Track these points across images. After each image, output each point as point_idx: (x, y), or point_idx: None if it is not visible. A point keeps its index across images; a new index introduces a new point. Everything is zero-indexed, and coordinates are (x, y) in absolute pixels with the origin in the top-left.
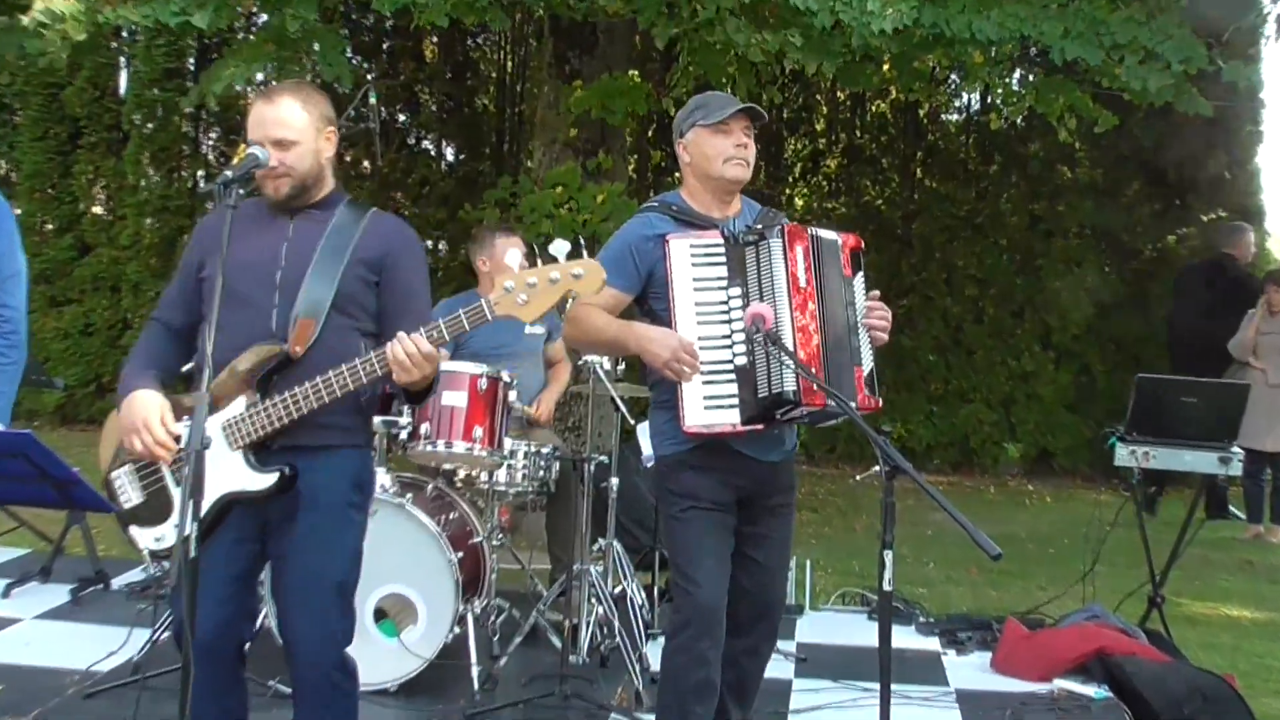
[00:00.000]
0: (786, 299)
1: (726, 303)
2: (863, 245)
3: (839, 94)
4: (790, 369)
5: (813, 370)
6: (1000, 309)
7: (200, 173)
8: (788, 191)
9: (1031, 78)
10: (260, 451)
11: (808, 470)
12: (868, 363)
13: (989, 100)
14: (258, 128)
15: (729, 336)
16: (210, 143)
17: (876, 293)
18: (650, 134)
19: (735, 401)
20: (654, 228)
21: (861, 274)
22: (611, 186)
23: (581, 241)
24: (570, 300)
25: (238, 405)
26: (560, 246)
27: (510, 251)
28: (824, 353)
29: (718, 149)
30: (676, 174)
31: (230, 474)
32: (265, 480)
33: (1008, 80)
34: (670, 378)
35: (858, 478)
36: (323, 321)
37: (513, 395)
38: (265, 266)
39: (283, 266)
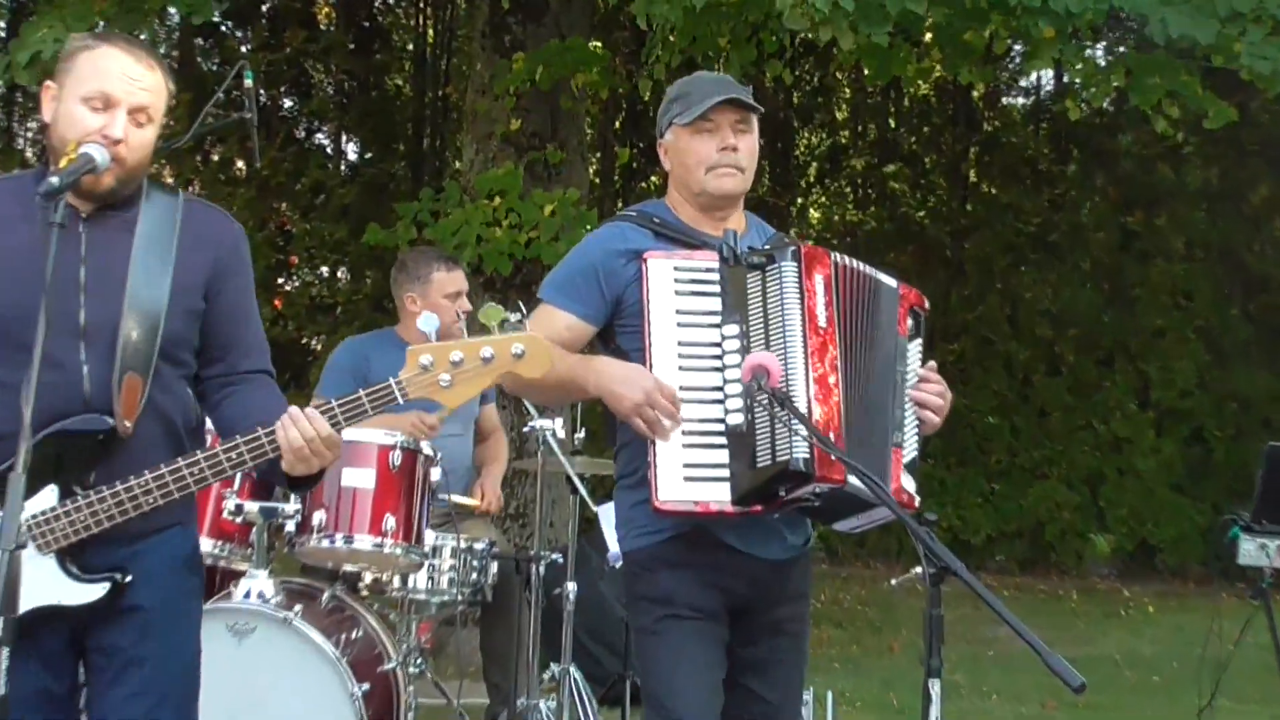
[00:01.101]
0: (800, 341)
1: (719, 344)
2: (926, 306)
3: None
4: (802, 434)
5: (831, 438)
6: (1083, 355)
7: (16, 172)
8: (800, 201)
9: (1123, 49)
10: (76, 553)
11: (829, 571)
12: (911, 447)
13: (1065, 80)
14: (100, 80)
15: (720, 389)
16: (28, 134)
17: (933, 363)
18: (618, 124)
19: (725, 473)
20: (628, 241)
21: (920, 342)
22: (564, 194)
23: (523, 311)
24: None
25: (46, 497)
26: (493, 313)
27: (425, 316)
28: (848, 415)
29: (699, 154)
30: (654, 177)
31: (40, 583)
32: (89, 592)
33: (1089, 53)
34: (640, 431)
35: (894, 581)
36: (150, 378)
37: (436, 473)
38: (62, 303)
39: (84, 303)
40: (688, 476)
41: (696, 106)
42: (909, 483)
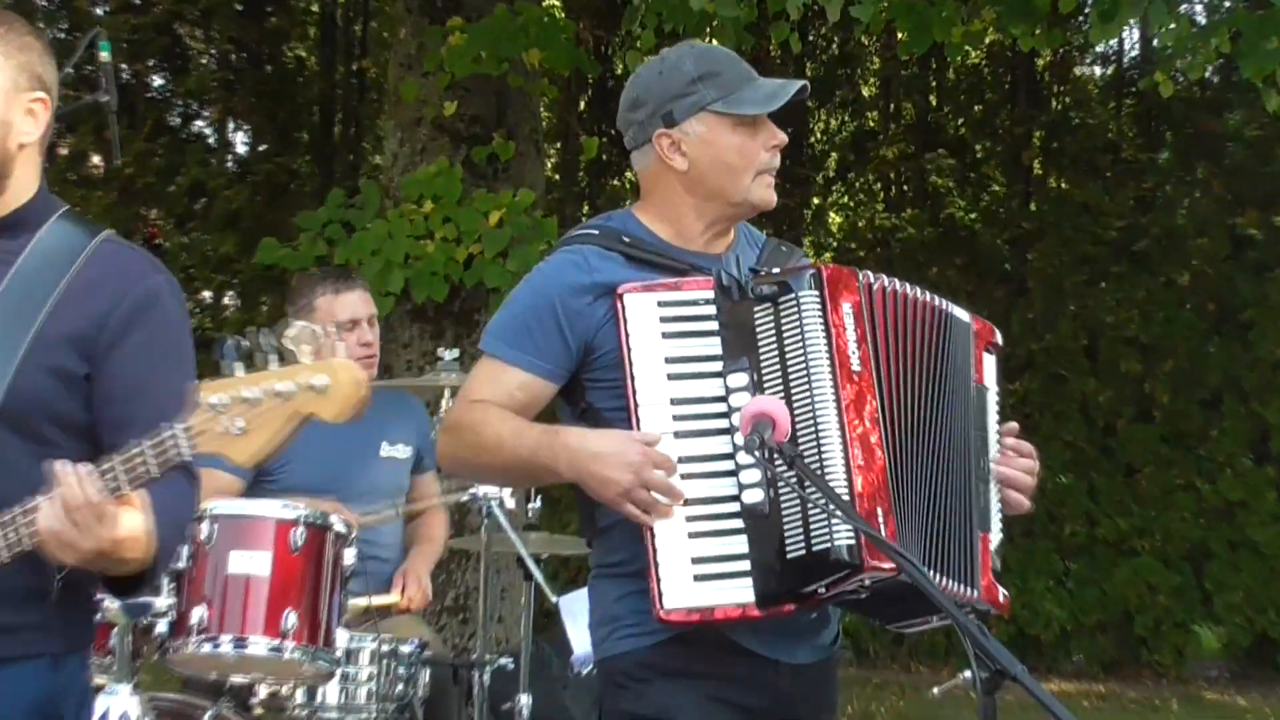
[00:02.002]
0: (830, 391)
1: (724, 398)
2: (999, 340)
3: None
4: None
5: (880, 516)
6: (1181, 396)
7: None
8: (816, 202)
9: (1228, 4)
10: None
11: (857, 675)
12: (997, 529)
13: (1153, 45)
14: None
15: (731, 456)
16: None
17: (1013, 425)
18: (583, 107)
19: (745, 566)
20: (593, 271)
21: (996, 391)
22: (515, 197)
23: (333, 337)
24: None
25: None
26: (302, 333)
27: (300, 327)
28: (899, 484)
29: (748, 155)
30: (630, 174)
31: None
32: None
33: (1184, 9)
34: (634, 519)
35: (937, 691)
36: None
37: (351, 555)
38: None
39: None
40: (699, 575)
41: (753, 94)
42: (998, 573)
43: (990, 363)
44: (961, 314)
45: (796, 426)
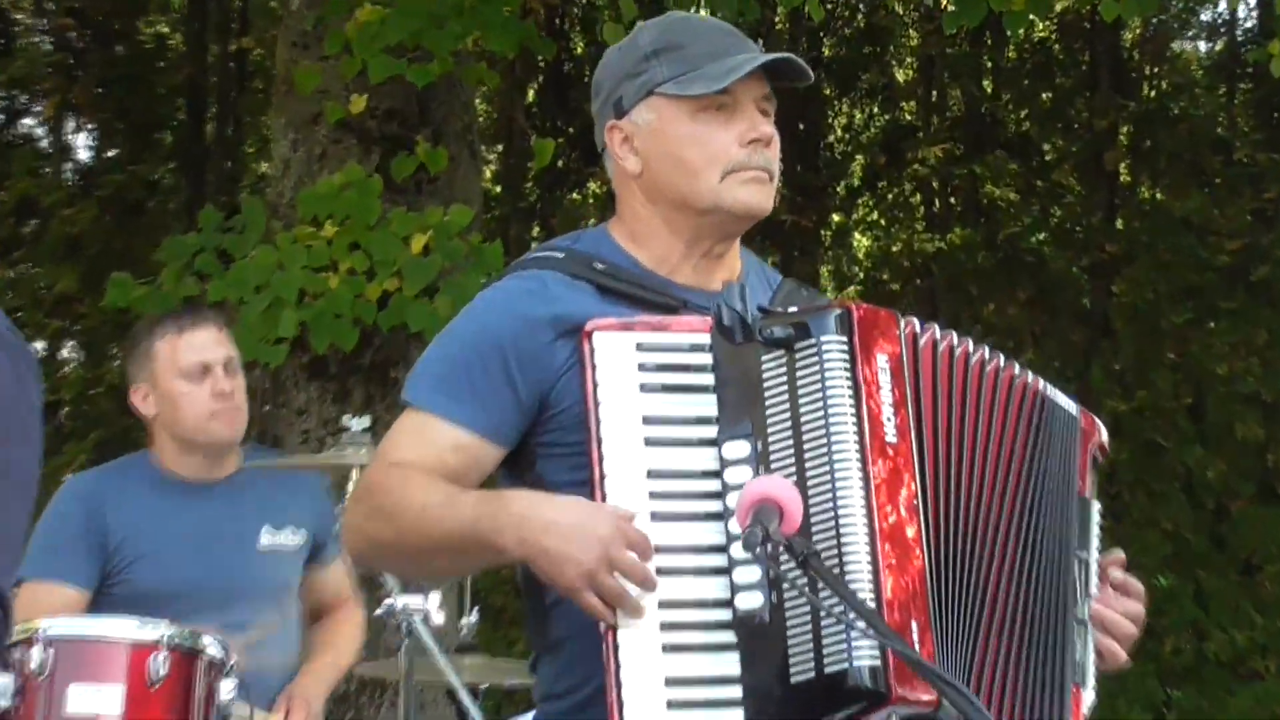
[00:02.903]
0: (855, 467)
1: (719, 473)
2: (1105, 440)
3: (945, 1)
4: (861, 627)
5: (916, 625)
6: None
7: None
8: (836, 219)
9: None
10: None
11: None
12: (1092, 685)
13: (1275, 12)
14: None
15: (724, 549)
16: None
17: (1118, 555)
18: (531, 100)
19: (737, 693)
20: (554, 301)
21: (1099, 508)
22: (446, 215)
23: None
24: None
25: None
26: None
27: (174, 346)
28: (938, 591)
29: (707, 149)
30: (595, 185)
31: None
32: None
33: None
34: (594, 612)
35: None
36: None
37: (228, 690)
38: None
39: None
40: (675, 700)
41: (714, 69)
42: None
43: (1092, 468)
44: (1065, 402)
45: (811, 513)
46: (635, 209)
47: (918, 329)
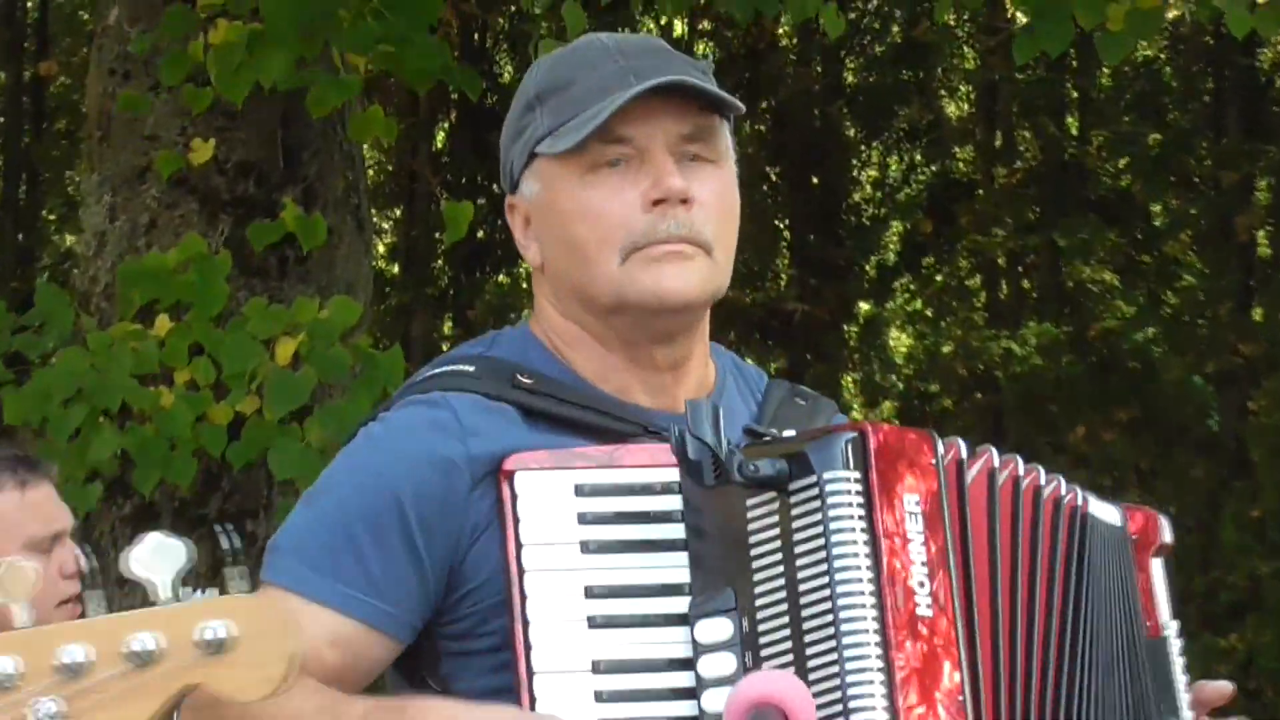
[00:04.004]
0: (874, 651)
1: (690, 663)
2: (1168, 539)
3: (1013, 12)
4: None
5: None
6: None
7: None
8: (864, 307)
9: None
10: None
11: None
12: None
13: None
14: None
15: None
16: None
17: (1226, 687)
18: (438, 146)
19: None
20: (468, 435)
21: (1176, 629)
22: (323, 308)
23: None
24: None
25: None
26: (17, 580)
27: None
28: None
29: (602, 220)
30: (523, 264)
31: None
32: None
33: None
34: None
35: None
36: None
37: None
38: None
39: None
40: None
41: (590, 109)
42: None
43: (1158, 572)
44: (1107, 514)
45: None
46: (548, 310)
47: (964, 454)
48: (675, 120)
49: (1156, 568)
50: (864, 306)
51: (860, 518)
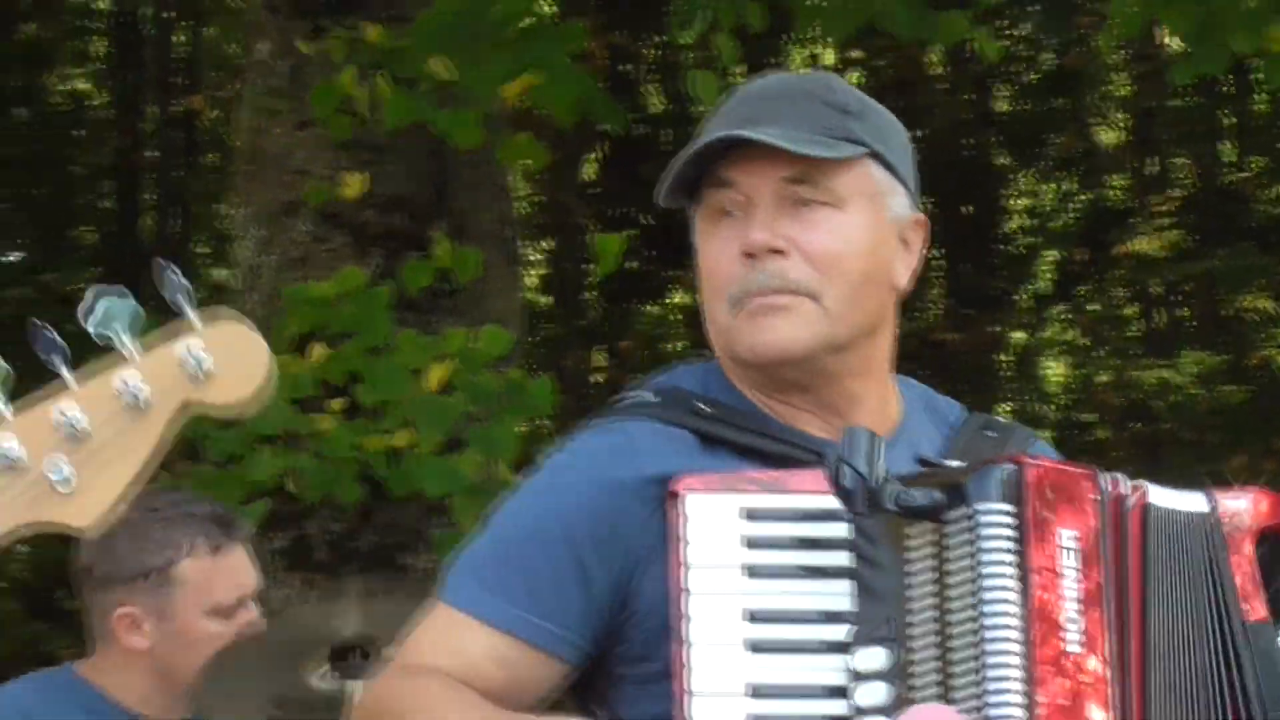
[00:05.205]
0: (1018, 687)
1: (847, 693)
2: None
3: (1166, 38)
4: None
5: None
6: None
7: None
8: (1016, 336)
9: None
10: None
11: None
12: None
13: None
14: None
15: None
16: None
17: None
18: (589, 177)
19: None
20: (644, 461)
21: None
22: (472, 339)
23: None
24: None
25: None
26: (119, 305)
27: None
28: None
29: (717, 270)
30: (681, 297)
31: None
32: None
33: None
34: None
35: None
36: None
37: None
38: None
39: None
40: None
41: (685, 154)
42: None
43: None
44: (1183, 502)
45: None
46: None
47: (1126, 491)
48: (775, 164)
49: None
50: (1017, 336)
51: (1012, 551)
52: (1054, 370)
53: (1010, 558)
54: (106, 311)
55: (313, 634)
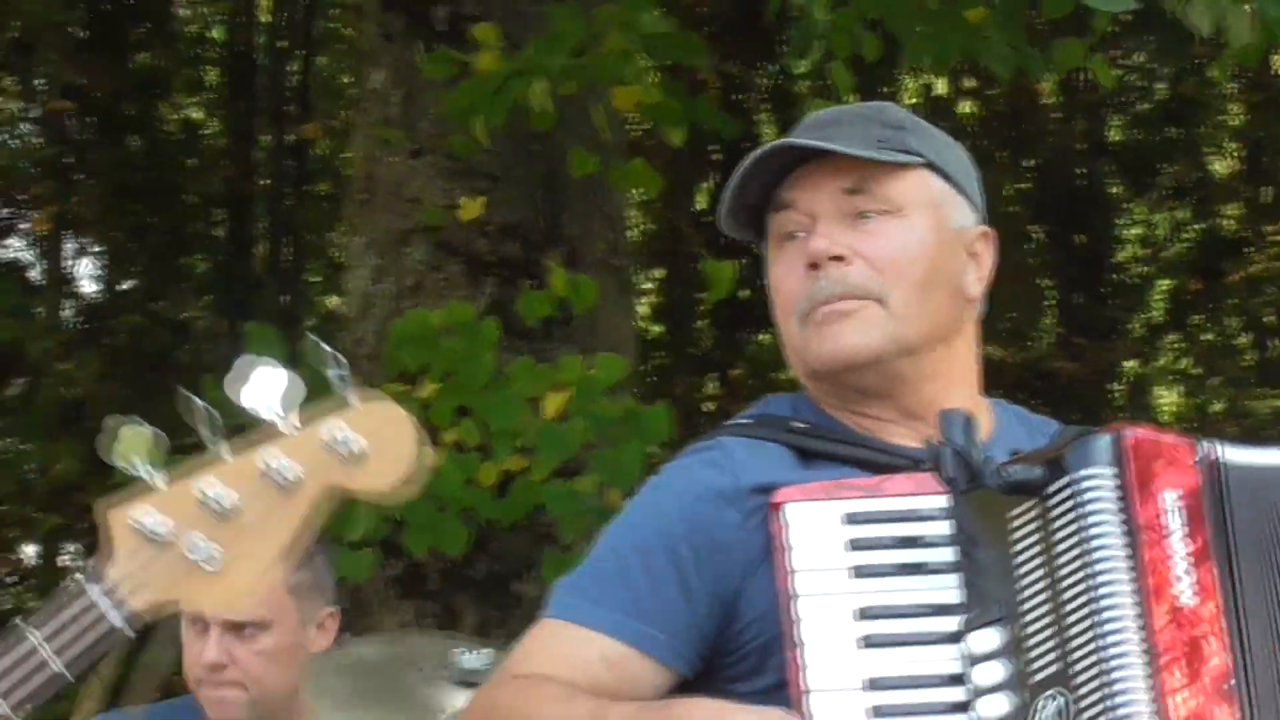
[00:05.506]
0: (1136, 637)
1: (964, 679)
2: None
3: None
4: None
5: None
6: None
7: None
8: (1129, 365)
9: None
10: None
11: None
12: None
13: None
14: None
15: None
16: None
17: None
18: (701, 205)
19: None
20: (739, 471)
21: None
22: (587, 369)
23: (343, 365)
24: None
25: None
26: (270, 376)
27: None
28: None
29: (784, 285)
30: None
31: None
32: None
33: None
34: None
35: None
36: None
37: None
38: None
39: None
40: None
41: (740, 170)
42: None
43: None
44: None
45: (1081, 709)
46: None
47: (1223, 455)
48: (833, 178)
49: None
50: (1130, 365)
51: (1118, 510)
52: (1167, 399)
53: (1116, 517)
54: (260, 380)
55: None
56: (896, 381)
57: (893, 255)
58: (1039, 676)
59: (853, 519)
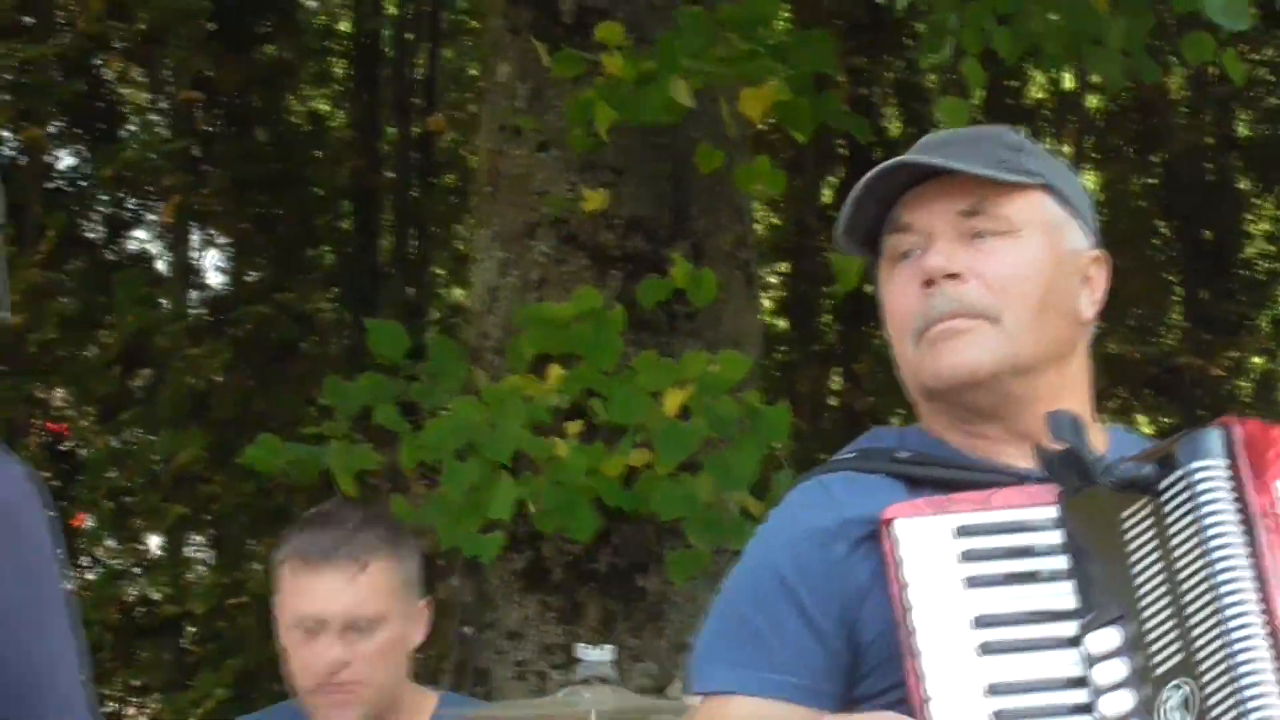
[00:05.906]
0: (1259, 625)
1: (1085, 681)
2: None
3: None
4: None
5: None
6: None
7: None
8: (1257, 361)
9: None
10: None
11: None
12: None
13: None
14: None
15: None
16: None
17: None
18: (826, 200)
19: None
20: (840, 505)
21: None
22: (713, 364)
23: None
24: None
25: None
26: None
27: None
28: None
29: (899, 305)
30: None
31: None
32: None
33: None
34: None
35: None
36: None
37: None
38: None
39: None
40: None
41: (858, 187)
42: None
43: None
44: None
45: (1207, 700)
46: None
47: None
48: (950, 198)
49: None
50: (1256, 360)
51: (1233, 499)
52: None
53: (1231, 506)
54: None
55: None
56: (1009, 401)
57: (1008, 275)
58: (1162, 669)
59: (964, 531)
